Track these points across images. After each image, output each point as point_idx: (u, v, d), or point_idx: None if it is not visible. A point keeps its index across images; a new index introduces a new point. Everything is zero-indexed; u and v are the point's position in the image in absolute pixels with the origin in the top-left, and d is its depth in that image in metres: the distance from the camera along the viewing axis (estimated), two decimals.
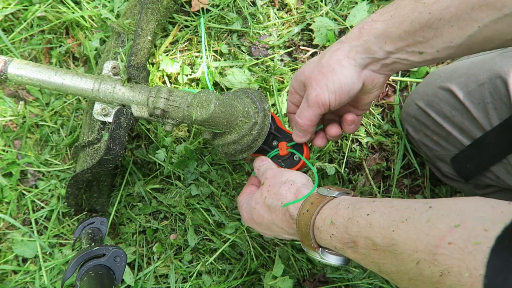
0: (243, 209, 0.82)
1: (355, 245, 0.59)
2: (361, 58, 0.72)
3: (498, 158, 0.89)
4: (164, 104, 0.84)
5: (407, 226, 0.52)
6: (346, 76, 0.72)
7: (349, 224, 0.60)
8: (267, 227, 0.77)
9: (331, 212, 0.64)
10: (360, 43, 0.71)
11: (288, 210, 0.71)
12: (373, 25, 0.70)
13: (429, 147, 1.03)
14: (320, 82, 0.73)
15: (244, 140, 0.85)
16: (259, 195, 0.78)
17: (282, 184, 0.74)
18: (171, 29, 1.15)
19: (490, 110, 0.87)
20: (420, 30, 0.66)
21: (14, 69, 0.90)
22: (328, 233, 0.63)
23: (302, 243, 0.70)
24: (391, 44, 0.70)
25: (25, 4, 1.19)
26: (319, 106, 0.75)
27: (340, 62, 0.72)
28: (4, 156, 1.13)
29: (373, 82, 0.76)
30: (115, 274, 0.80)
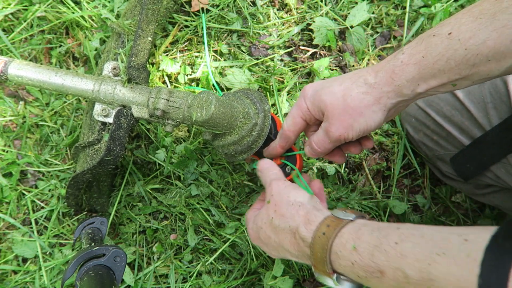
0: (250, 227, 0.79)
1: (382, 276, 0.55)
2: (391, 103, 0.70)
3: (498, 158, 0.89)
4: (165, 105, 0.84)
5: (445, 260, 0.49)
6: (375, 119, 0.71)
7: (375, 252, 0.56)
8: (274, 248, 0.74)
9: (353, 236, 0.60)
10: (392, 88, 0.69)
11: (298, 233, 0.67)
12: (404, 69, 0.67)
13: (429, 147, 1.03)
14: (345, 123, 0.72)
15: (244, 141, 0.85)
16: (265, 214, 0.74)
17: (289, 205, 0.71)
18: (171, 29, 1.15)
19: (490, 110, 0.87)
20: (456, 68, 0.63)
21: (15, 70, 0.90)
22: (350, 260, 0.59)
23: (314, 268, 0.66)
24: (424, 85, 0.67)
25: (25, 4, 1.19)
26: (341, 141, 0.75)
27: (370, 107, 0.70)
28: (4, 156, 1.13)
29: (393, 115, 0.76)
30: (115, 274, 0.80)
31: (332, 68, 1.16)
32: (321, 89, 0.75)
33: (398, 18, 1.18)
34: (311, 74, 1.16)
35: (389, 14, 1.18)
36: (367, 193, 1.15)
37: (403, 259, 0.53)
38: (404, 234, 0.55)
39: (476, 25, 0.60)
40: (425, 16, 1.16)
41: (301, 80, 1.15)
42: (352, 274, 0.60)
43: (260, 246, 0.78)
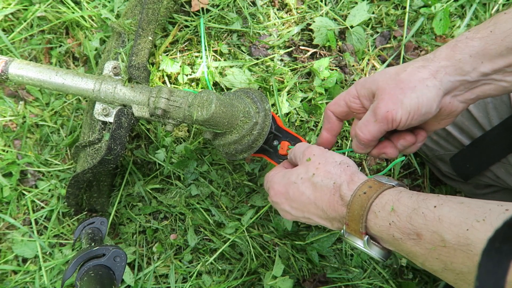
0: (276, 181, 0.75)
1: (419, 238, 0.55)
2: (449, 80, 0.64)
3: (498, 158, 0.89)
4: (165, 104, 0.84)
5: (484, 226, 0.48)
6: (428, 97, 0.64)
7: (413, 215, 0.56)
8: (301, 205, 0.71)
9: (392, 198, 0.60)
10: (452, 63, 0.63)
11: (340, 190, 0.65)
12: (468, 43, 0.62)
13: (429, 147, 1.03)
14: (394, 97, 0.65)
15: (245, 140, 0.85)
16: (303, 170, 0.71)
17: (336, 164, 0.69)
18: (171, 29, 1.15)
19: (490, 110, 0.87)
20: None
21: (15, 69, 0.90)
22: (387, 220, 0.59)
23: (346, 227, 0.64)
24: (488, 64, 0.62)
25: (25, 4, 1.19)
26: (387, 123, 0.67)
27: (424, 81, 0.64)
28: (4, 156, 1.13)
29: (450, 109, 0.68)
30: (115, 274, 0.80)
31: (332, 68, 1.16)
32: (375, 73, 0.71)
33: (398, 18, 1.18)
34: (311, 74, 1.16)
35: (389, 14, 1.18)
36: None
37: (441, 223, 0.53)
38: (443, 199, 0.55)
39: None
40: (425, 16, 1.16)
41: (301, 80, 1.15)
42: (387, 236, 0.60)
43: (281, 203, 0.74)
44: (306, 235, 1.10)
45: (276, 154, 0.90)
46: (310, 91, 1.14)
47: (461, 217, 0.51)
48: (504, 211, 0.49)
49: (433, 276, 1.10)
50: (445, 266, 0.53)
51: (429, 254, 0.54)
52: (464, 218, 0.51)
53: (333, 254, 1.10)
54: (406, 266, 1.12)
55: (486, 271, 0.44)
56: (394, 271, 1.11)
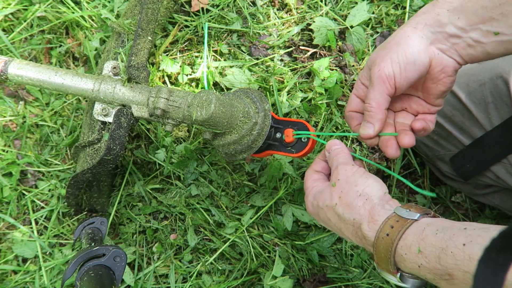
0: (309, 200, 0.75)
1: (451, 278, 0.53)
2: (430, 31, 0.67)
3: (498, 158, 0.89)
4: (165, 104, 0.84)
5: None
6: (411, 45, 0.67)
7: (442, 255, 0.54)
8: (331, 228, 0.72)
9: (417, 238, 0.58)
10: (431, 15, 0.67)
11: (361, 230, 0.65)
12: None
13: (429, 147, 1.03)
14: (384, 57, 0.68)
15: (244, 140, 0.85)
16: (328, 197, 0.71)
17: (356, 196, 0.67)
18: (171, 29, 1.15)
19: (491, 110, 0.87)
20: (499, 7, 0.62)
21: (15, 69, 0.90)
22: (416, 263, 0.57)
23: (377, 265, 0.64)
24: (464, 19, 0.65)
25: (25, 4, 1.19)
26: (384, 82, 0.68)
27: (405, 33, 0.68)
28: (4, 156, 1.13)
29: (441, 63, 0.68)
30: (115, 274, 0.80)
31: (332, 68, 1.16)
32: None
33: (398, 18, 1.18)
34: (311, 74, 1.16)
35: (389, 14, 1.18)
36: None
37: (472, 263, 0.50)
38: (472, 235, 0.53)
39: None
40: None
41: (301, 80, 1.15)
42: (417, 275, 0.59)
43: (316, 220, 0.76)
44: (306, 235, 1.10)
45: (283, 144, 0.88)
46: (310, 91, 1.14)
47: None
48: None
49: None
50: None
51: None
52: None
53: (333, 254, 1.10)
54: None
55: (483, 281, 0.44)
56: None
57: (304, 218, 1.09)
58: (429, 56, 0.68)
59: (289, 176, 1.09)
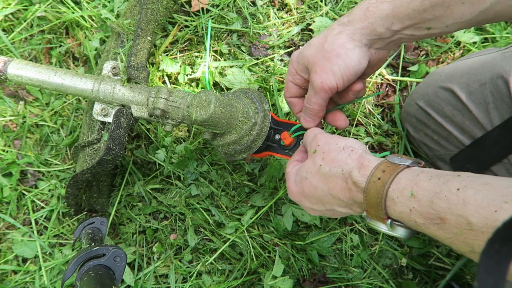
0: (291, 181, 0.75)
1: (443, 222, 0.53)
2: (367, 39, 0.71)
3: (498, 158, 0.89)
4: (164, 105, 0.84)
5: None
6: (353, 58, 0.71)
7: (435, 199, 0.54)
8: (319, 200, 0.70)
9: (410, 182, 0.58)
10: (365, 25, 0.69)
11: (351, 177, 0.64)
12: (378, 6, 0.68)
13: (429, 147, 1.03)
14: (325, 68, 0.71)
15: (243, 141, 0.85)
16: (311, 163, 0.71)
17: (340, 150, 0.67)
18: (171, 29, 1.15)
19: (492, 110, 0.87)
20: (431, 8, 0.64)
21: (14, 69, 0.90)
22: (407, 206, 0.57)
23: (367, 213, 0.63)
24: (398, 24, 0.68)
25: (25, 4, 1.19)
26: (326, 91, 0.73)
27: (344, 45, 0.70)
28: (4, 156, 1.13)
29: (378, 57, 0.75)
30: (115, 274, 0.80)
31: None
32: (302, 48, 0.77)
33: None
34: None
35: None
36: None
37: (466, 206, 0.51)
38: (466, 181, 0.54)
39: None
40: None
41: None
42: (408, 221, 0.58)
43: (301, 201, 0.74)
44: (306, 235, 1.10)
45: (281, 147, 0.88)
46: None
47: (488, 199, 0.49)
48: None
49: (433, 276, 1.10)
50: (472, 249, 0.51)
51: (455, 237, 0.53)
52: (491, 200, 0.49)
53: (333, 254, 1.10)
54: (406, 266, 1.11)
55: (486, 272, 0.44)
56: (394, 271, 1.11)
57: (304, 218, 1.09)
58: (368, 58, 0.73)
59: None
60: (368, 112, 1.16)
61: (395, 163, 0.62)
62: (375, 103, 1.18)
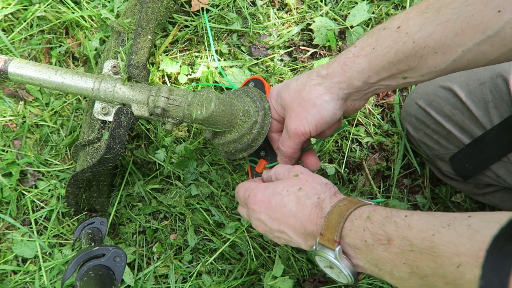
0: (259, 190, 0.77)
1: (389, 243, 0.59)
2: (344, 93, 0.74)
3: (498, 157, 0.89)
4: (165, 103, 0.84)
5: (448, 231, 0.52)
6: (327, 109, 0.74)
7: (386, 222, 0.60)
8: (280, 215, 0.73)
9: (369, 209, 0.64)
10: (343, 79, 0.72)
11: (321, 204, 0.69)
12: (355, 61, 0.71)
13: (429, 146, 1.03)
14: (300, 115, 0.76)
15: (244, 139, 0.85)
16: (290, 183, 0.74)
17: (323, 184, 0.74)
18: (171, 29, 1.15)
19: (491, 109, 0.87)
20: (405, 59, 0.66)
21: (14, 68, 0.90)
22: (362, 226, 0.62)
23: (320, 237, 0.66)
24: (374, 76, 0.70)
25: (25, 4, 1.19)
26: (299, 136, 0.78)
27: (321, 96, 0.74)
28: (4, 156, 1.13)
29: (354, 108, 0.78)
30: (115, 274, 0.80)
31: None
32: (282, 88, 0.81)
33: None
34: None
35: (389, 14, 1.18)
36: (367, 193, 1.15)
37: (410, 229, 0.57)
38: (414, 211, 0.60)
39: (423, 19, 0.64)
40: None
41: None
42: (360, 242, 0.62)
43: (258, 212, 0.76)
44: None
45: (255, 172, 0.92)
46: None
47: (429, 224, 0.55)
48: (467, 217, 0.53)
49: None
50: (411, 270, 0.56)
51: (397, 259, 0.57)
52: (431, 225, 0.55)
53: None
54: None
55: (490, 270, 0.44)
56: None
57: None
58: (343, 110, 0.77)
59: None
60: (368, 112, 1.17)
61: (362, 200, 0.68)
62: (375, 103, 1.18)
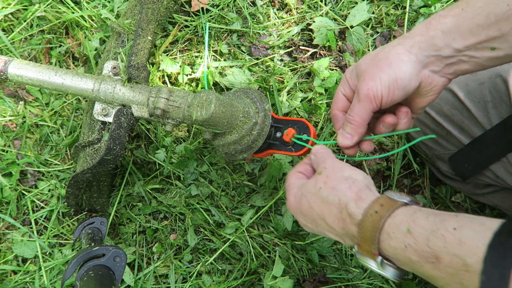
0: (292, 193, 0.73)
1: (438, 261, 0.52)
2: (424, 55, 0.66)
3: (497, 157, 0.89)
4: (165, 104, 0.84)
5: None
6: (404, 70, 0.66)
7: (431, 237, 0.53)
8: (313, 221, 0.69)
9: (407, 219, 0.57)
10: (425, 38, 0.66)
11: (347, 208, 0.63)
12: (441, 20, 0.65)
13: (428, 146, 1.03)
14: (374, 75, 0.67)
15: (244, 140, 0.85)
16: (312, 184, 0.69)
17: (343, 179, 0.66)
18: (171, 29, 1.15)
19: (490, 109, 0.87)
20: (496, 24, 0.61)
21: (14, 69, 0.90)
22: (403, 242, 0.56)
23: (358, 247, 0.62)
24: (460, 40, 0.64)
25: (25, 4, 1.19)
26: (371, 101, 0.68)
27: (399, 56, 0.66)
28: (4, 156, 1.13)
29: (431, 84, 0.69)
30: (115, 274, 0.80)
31: (332, 68, 1.16)
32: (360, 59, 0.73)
33: (398, 18, 1.18)
34: (311, 74, 1.16)
35: (389, 14, 1.18)
36: None
37: (462, 246, 0.50)
38: (463, 220, 0.52)
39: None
40: (425, 16, 1.16)
41: (301, 80, 1.15)
42: (402, 258, 0.57)
43: (297, 215, 0.73)
44: (306, 235, 1.10)
45: (283, 143, 0.87)
46: (310, 91, 1.14)
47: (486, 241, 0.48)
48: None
49: None
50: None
51: (450, 278, 0.51)
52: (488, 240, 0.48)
53: (333, 254, 1.10)
54: None
55: (492, 264, 0.44)
56: None
57: None
58: (420, 79, 0.68)
59: None
60: None
61: (394, 199, 0.61)
62: None
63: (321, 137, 1.12)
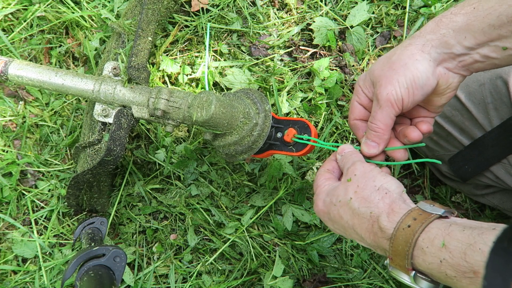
0: (320, 198, 0.71)
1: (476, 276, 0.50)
2: (437, 52, 0.66)
3: (497, 159, 0.89)
4: (165, 105, 0.84)
5: None
6: (420, 70, 0.65)
7: (468, 251, 0.51)
8: (342, 228, 0.68)
9: (442, 232, 0.55)
10: (437, 36, 0.65)
11: (378, 222, 0.61)
12: (452, 18, 0.65)
13: (428, 147, 1.03)
14: (391, 79, 0.66)
15: (244, 141, 0.85)
16: (342, 192, 0.67)
17: (374, 190, 0.64)
18: (171, 29, 1.15)
19: (491, 110, 0.87)
20: (508, 24, 0.60)
21: (15, 70, 0.90)
22: (438, 257, 0.54)
23: (390, 261, 0.60)
24: (471, 39, 0.63)
25: (25, 4, 1.19)
26: (392, 105, 0.67)
27: (413, 56, 0.66)
28: (4, 156, 1.13)
29: (447, 81, 0.68)
30: (115, 274, 0.80)
31: (332, 68, 1.16)
32: (371, 66, 0.72)
33: (398, 18, 1.18)
34: (311, 74, 1.16)
35: (389, 14, 1.18)
36: None
37: None
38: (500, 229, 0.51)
39: None
40: (425, 16, 1.16)
41: (301, 80, 1.15)
42: (437, 273, 0.55)
43: (324, 221, 0.71)
44: (306, 235, 1.10)
45: (284, 143, 0.87)
46: (310, 91, 1.14)
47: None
48: None
49: None
50: None
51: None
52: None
53: (333, 254, 1.10)
54: None
55: (494, 270, 0.44)
56: None
57: (304, 218, 1.09)
58: (437, 78, 0.67)
59: (289, 176, 1.09)
60: None
61: (427, 212, 0.59)
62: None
63: (321, 137, 1.12)
